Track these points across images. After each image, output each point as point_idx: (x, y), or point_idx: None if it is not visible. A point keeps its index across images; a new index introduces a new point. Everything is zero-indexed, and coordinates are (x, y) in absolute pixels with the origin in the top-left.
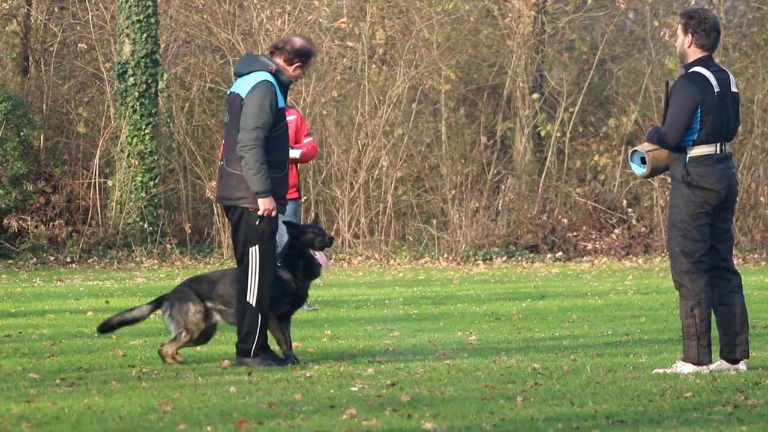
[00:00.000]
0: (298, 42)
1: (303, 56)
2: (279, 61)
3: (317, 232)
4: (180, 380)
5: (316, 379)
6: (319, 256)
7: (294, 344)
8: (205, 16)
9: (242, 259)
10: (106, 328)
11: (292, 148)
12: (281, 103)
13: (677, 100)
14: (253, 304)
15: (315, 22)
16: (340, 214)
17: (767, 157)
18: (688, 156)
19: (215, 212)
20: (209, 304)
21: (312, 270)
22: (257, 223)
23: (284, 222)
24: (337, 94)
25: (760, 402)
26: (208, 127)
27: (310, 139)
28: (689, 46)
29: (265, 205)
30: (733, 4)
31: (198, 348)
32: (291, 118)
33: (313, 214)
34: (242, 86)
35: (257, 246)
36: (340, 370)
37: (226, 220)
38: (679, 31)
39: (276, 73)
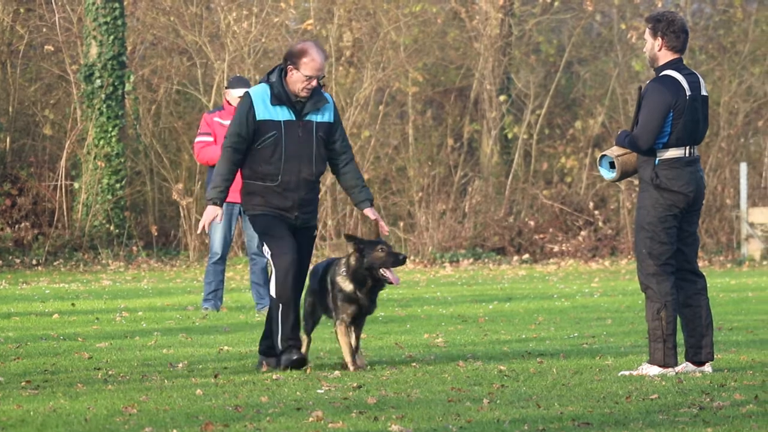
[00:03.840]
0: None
1: (291, 57)
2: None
3: (387, 249)
4: (146, 383)
5: (283, 381)
6: (389, 274)
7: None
8: (172, 19)
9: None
10: None
11: None
12: (260, 116)
13: (650, 104)
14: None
15: (282, 24)
16: None
17: (733, 160)
18: (657, 159)
19: (182, 214)
20: None
21: (379, 285)
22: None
23: (346, 236)
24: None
25: (726, 404)
26: (174, 130)
27: None
28: (660, 50)
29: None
30: (700, 7)
31: (164, 351)
32: None
33: (372, 224)
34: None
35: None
36: (307, 373)
37: (192, 222)
38: (648, 36)
39: (271, 85)
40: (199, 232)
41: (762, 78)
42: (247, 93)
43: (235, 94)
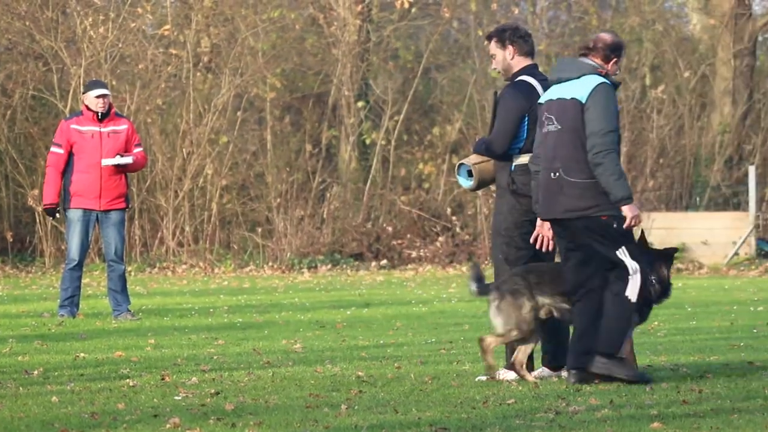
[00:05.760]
0: (608, 37)
1: (617, 50)
2: (598, 61)
3: (656, 281)
4: (0, 390)
5: (140, 388)
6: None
7: (117, 353)
8: (27, 23)
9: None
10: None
11: (122, 155)
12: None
13: (504, 109)
14: (630, 304)
15: (139, 29)
16: (164, 223)
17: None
18: (513, 164)
19: (37, 220)
20: (543, 300)
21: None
22: (614, 226)
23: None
24: (161, 102)
25: (581, 408)
26: (30, 135)
27: (140, 149)
28: (512, 57)
29: (630, 212)
30: (556, 14)
31: (19, 358)
32: (122, 127)
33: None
34: (574, 91)
35: (624, 247)
36: (164, 380)
37: (48, 228)
38: (496, 50)
39: (606, 75)
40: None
41: None
42: (608, 84)
43: (92, 95)
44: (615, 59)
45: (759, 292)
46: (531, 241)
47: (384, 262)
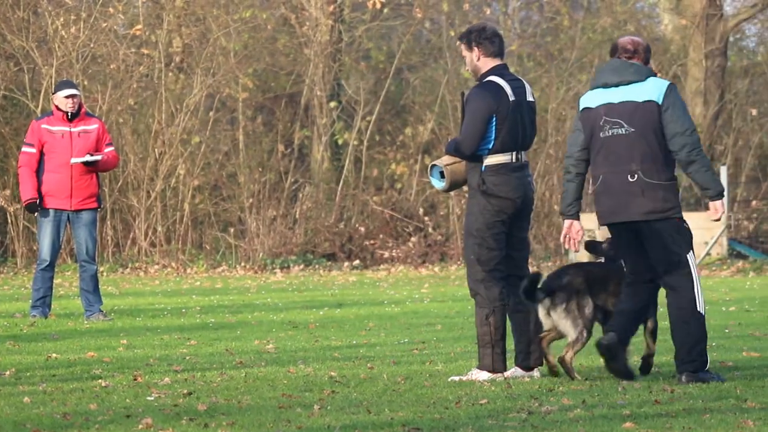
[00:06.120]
0: (643, 42)
1: (650, 53)
2: (640, 63)
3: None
4: None
5: (112, 388)
6: None
7: (89, 354)
8: None
9: (668, 270)
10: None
11: (92, 155)
12: None
13: (472, 110)
14: (703, 313)
15: (110, 29)
16: (136, 223)
17: (560, 166)
18: (484, 165)
19: (9, 221)
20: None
21: None
22: (685, 227)
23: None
24: (133, 102)
25: (554, 408)
26: (1, 135)
27: (111, 148)
28: (478, 59)
29: (721, 206)
30: (528, 14)
31: None
32: (93, 127)
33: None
34: (645, 93)
35: (691, 252)
36: (137, 380)
37: (20, 228)
38: (464, 52)
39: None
40: None
41: (588, 85)
42: (674, 84)
43: (61, 95)
44: (650, 61)
45: (731, 292)
46: (561, 240)
47: (356, 262)
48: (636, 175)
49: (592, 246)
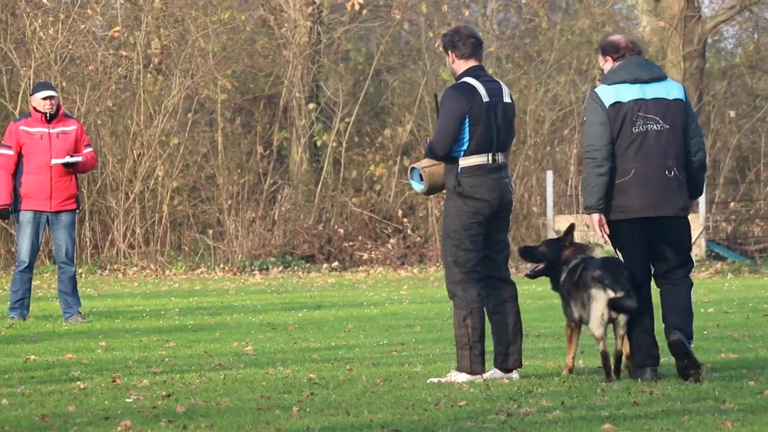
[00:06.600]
0: (637, 41)
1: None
2: None
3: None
4: None
5: (91, 390)
6: None
7: (67, 355)
8: None
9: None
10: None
11: (71, 155)
12: None
13: (444, 111)
14: None
15: (89, 30)
16: (115, 225)
17: (539, 168)
18: (459, 166)
19: None
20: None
21: None
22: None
23: None
24: (112, 103)
25: (533, 410)
26: None
27: (90, 149)
28: (453, 62)
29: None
30: (506, 16)
31: None
32: (71, 128)
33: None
34: (670, 91)
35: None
36: (115, 382)
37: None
38: (444, 55)
39: None
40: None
41: (567, 86)
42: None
43: (38, 97)
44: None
45: (709, 293)
46: (598, 231)
47: (335, 264)
48: (673, 171)
49: (527, 252)
